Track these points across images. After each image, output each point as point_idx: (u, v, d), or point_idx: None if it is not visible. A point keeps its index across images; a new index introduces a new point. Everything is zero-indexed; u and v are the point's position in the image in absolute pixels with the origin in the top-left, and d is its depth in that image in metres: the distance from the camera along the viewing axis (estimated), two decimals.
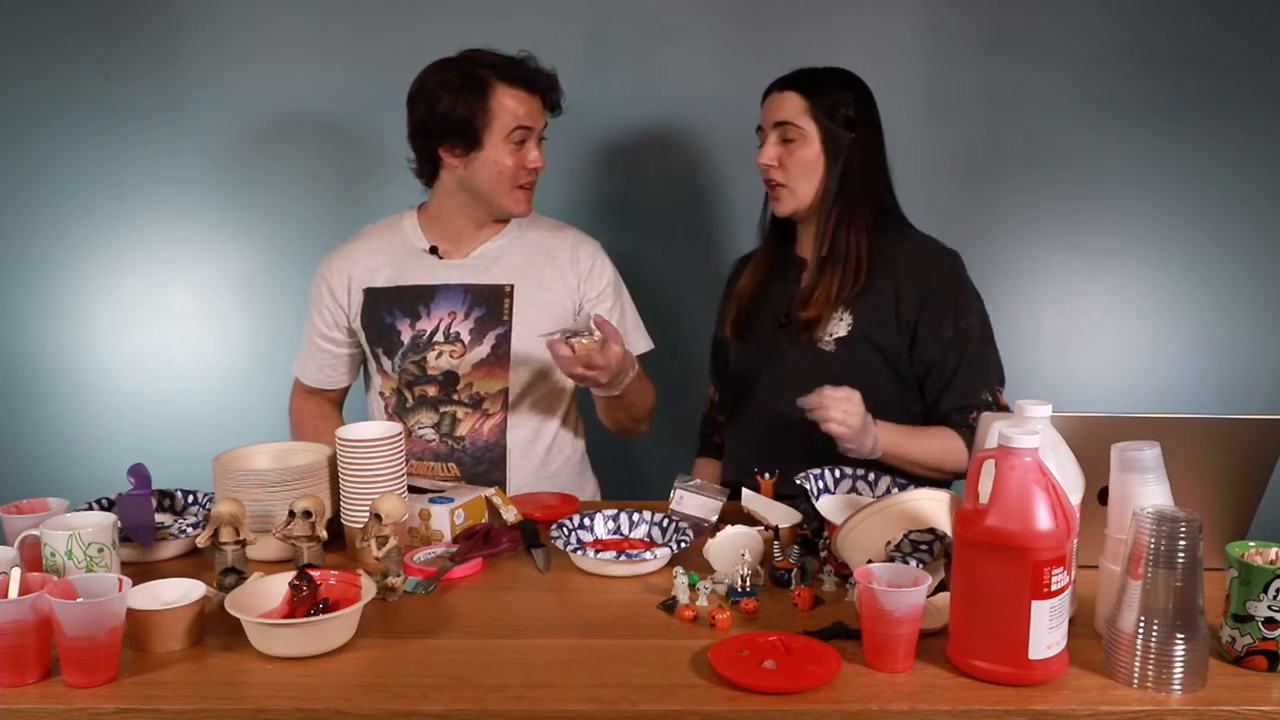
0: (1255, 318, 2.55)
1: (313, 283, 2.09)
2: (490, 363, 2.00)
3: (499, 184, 1.94)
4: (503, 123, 1.90)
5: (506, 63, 1.92)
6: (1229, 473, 1.42)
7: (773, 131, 1.90)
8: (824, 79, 1.90)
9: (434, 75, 1.92)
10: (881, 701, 1.17)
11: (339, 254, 2.07)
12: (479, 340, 1.99)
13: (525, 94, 1.91)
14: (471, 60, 1.92)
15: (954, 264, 1.91)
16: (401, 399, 2.03)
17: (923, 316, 1.85)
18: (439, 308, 2.00)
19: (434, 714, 1.16)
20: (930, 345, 1.86)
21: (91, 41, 2.47)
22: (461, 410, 2.01)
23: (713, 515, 1.66)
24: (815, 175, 1.89)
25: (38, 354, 2.60)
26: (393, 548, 1.45)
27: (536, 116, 1.93)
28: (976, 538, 1.18)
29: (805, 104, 1.87)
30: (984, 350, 1.88)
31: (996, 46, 2.45)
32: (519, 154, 1.92)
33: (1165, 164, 2.50)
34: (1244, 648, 1.23)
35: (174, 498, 1.75)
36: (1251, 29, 2.44)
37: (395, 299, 2.01)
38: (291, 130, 2.51)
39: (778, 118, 1.89)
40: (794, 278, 1.96)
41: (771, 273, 2.01)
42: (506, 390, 2.00)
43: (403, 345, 2.00)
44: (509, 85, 1.90)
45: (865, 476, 1.62)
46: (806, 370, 1.84)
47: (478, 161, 1.93)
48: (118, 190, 2.54)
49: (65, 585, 1.23)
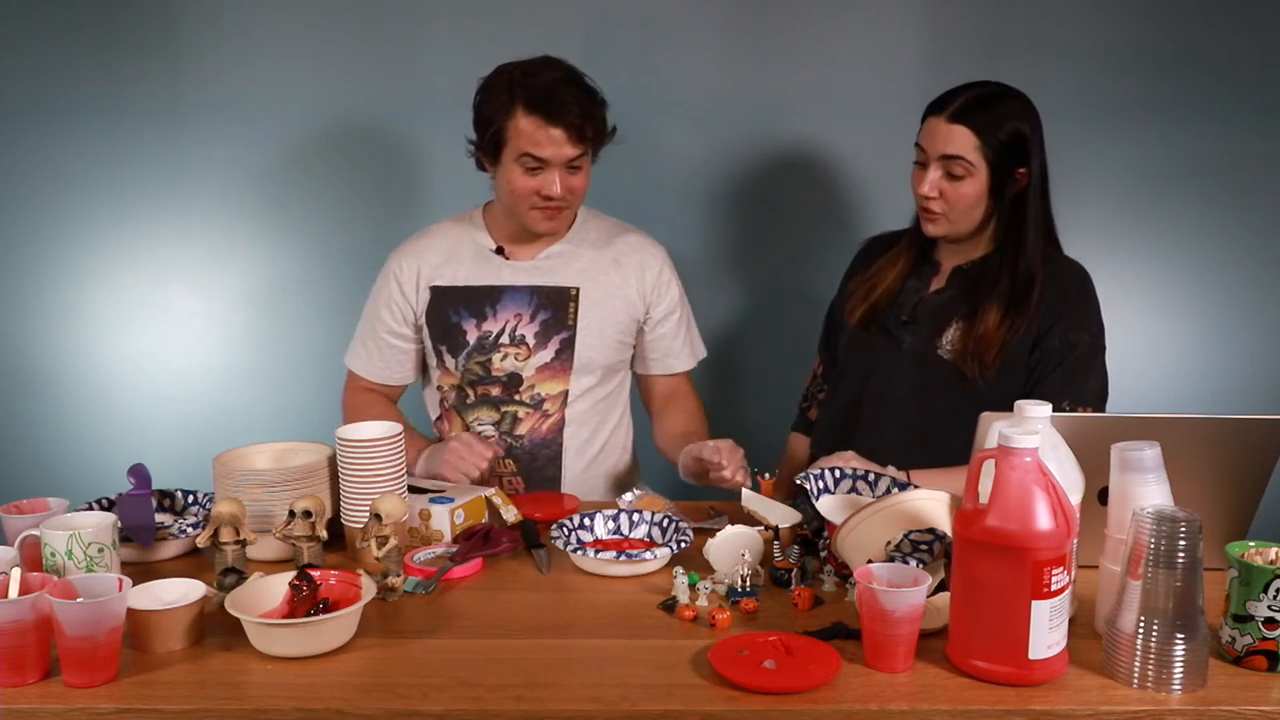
0: (1255, 318, 2.55)
1: (380, 278, 2.06)
2: (554, 366, 2.01)
3: (514, 203, 1.92)
4: (515, 146, 1.86)
5: (543, 88, 1.84)
6: (1229, 473, 1.42)
7: (937, 163, 1.82)
8: (997, 108, 1.81)
9: (492, 76, 1.90)
10: (881, 701, 1.17)
11: (409, 250, 2.04)
12: (544, 344, 2.00)
13: (544, 124, 1.84)
14: (524, 73, 1.86)
15: (1084, 281, 1.87)
16: (463, 395, 2.04)
17: (1045, 328, 1.82)
18: (505, 309, 2.00)
19: (434, 714, 1.17)
20: (1037, 351, 1.83)
21: (91, 41, 2.46)
22: (523, 410, 2.02)
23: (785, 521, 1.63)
24: (978, 211, 1.84)
25: (38, 354, 2.60)
26: (393, 548, 1.45)
27: (557, 148, 1.85)
28: (976, 538, 1.18)
29: (977, 141, 1.79)
30: (1084, 367, 1.82)
31: (996, 46, 2.45)
32: (531, 180, 1.88)
33: (1165, 164, 2.49)
34: (1244, 648, 1.23)
35: (174, 498, 1.75)
36: (1251, 29, 2.44)
37: (462, 298, 2.00)
38: (291, 130, 2.51)
39: (945, 150, 1.80)
40: (927, 279, 1.94)
41: (910, 271, 1.96)
42: (567, 392, 2.02)
43: (468, 345, 2.00)
44: (529, 113, 1.84)
45: (865, 476, 1.62)
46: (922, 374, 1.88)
47: (498, 175, 1.93)
48: (118, 190, 2.54)
49: (65, 585, 1.23)
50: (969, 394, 1.82)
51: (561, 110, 1.84)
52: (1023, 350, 1.82)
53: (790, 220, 2.56)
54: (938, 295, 1.92)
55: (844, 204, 2.53)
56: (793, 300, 2.53)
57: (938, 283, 1.94)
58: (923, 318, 1.91)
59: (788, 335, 2.50)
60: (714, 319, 2.53)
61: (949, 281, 1.92)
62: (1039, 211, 1.85)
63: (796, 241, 2.55)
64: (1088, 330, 1.84)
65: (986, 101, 1.81)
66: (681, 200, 2.55)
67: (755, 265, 2.59)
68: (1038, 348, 1.82)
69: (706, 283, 2.55)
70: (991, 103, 1.81)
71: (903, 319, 1.93)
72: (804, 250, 2.54)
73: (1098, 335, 1.86)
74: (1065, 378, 1.80)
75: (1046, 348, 1.82)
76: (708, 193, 2.55)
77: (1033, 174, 1.82)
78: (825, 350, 2.12)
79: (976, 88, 1.83)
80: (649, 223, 2.57)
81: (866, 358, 1.97)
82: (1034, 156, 1.82)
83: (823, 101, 2.48)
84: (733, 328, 2.61)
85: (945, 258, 1.95)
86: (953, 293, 1.91)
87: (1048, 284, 1.84)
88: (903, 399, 1.90)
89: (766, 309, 2.60)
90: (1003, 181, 1.82)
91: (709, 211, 2.56)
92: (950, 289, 1.92)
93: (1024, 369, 1.83)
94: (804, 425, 2.14)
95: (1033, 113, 1.84)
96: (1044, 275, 1.84)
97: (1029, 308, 1.82)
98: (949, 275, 1.93)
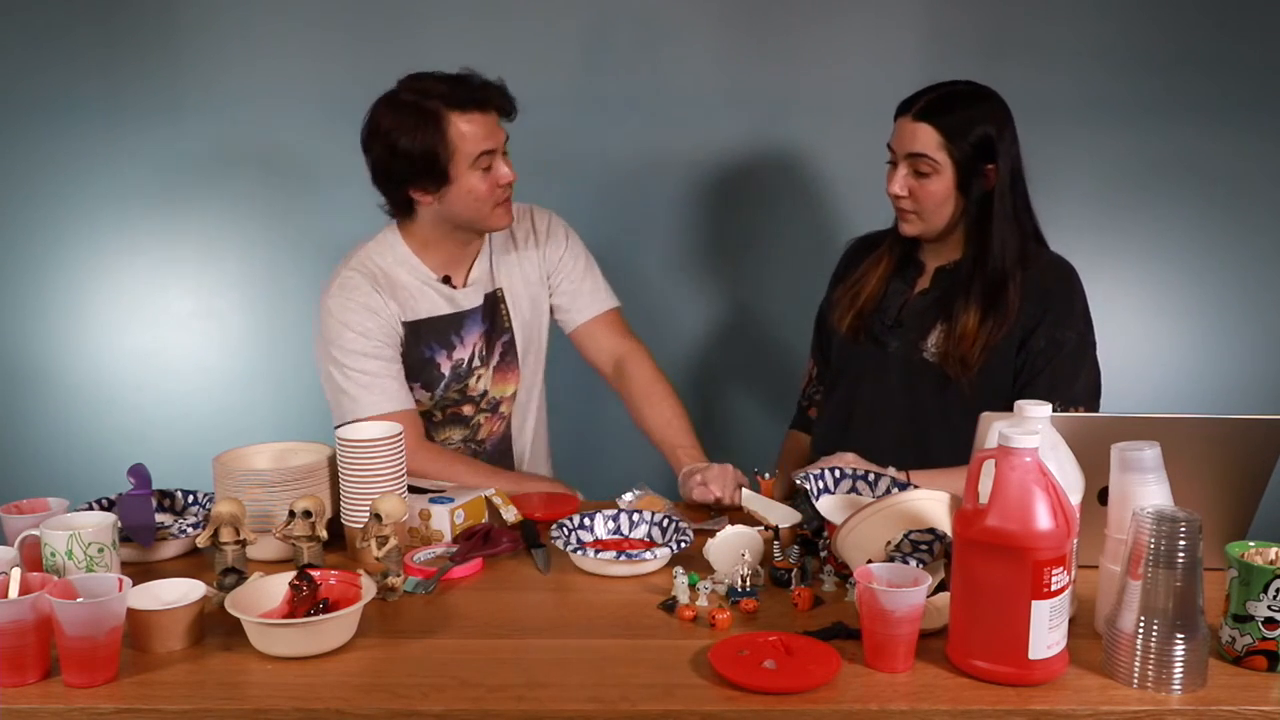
0: (1255, 318, 2.55)
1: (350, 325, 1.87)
2: (503, 369, 2.03)
3: (478, 209, 1.88)
4: (466, 152, 1.82)
5: (453, 87, 1.82)
6: (1229, 473, 1.42)
7: (904, 162, 1.83)
8: (961, 106, 1.81)
9: (384, 116, 1.83)
10: (881, 701, 1.17)
11: (368, 288, 1.89)
12: (493, 352, 2.02)
13: (480, 115, 1.82)
14: (418, 92, 1.82)
15: (1068, 278, 1.86)
16: (430, 416, 2.02)
17: (1030, 328, 1.82)
18: (470, 333, 2.00)
19: (434, 714, 1.16)
20: (1025, 352, 1.82)
21: (91, 41, 2.46)
22: (483, 416, 2.04)
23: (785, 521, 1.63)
24: (947, 208, 1.84)
25: (38, 354, 2.60)
26: (393, 548, 1.45)
27: (497, 134, 1.85)
28: (976, 538, 1.18)
29: (940, 138, 1.79)
30: (1073, 366, 1.82)
31: (996, 46, 2.45)
32: (490, 176, 1.85)
33: (1165, 163, 2.50)
34: (1244, 648, 1.23)
35: (174, 498, 1.75)
36: (1251, 29, 2.44)
37: (430, 332, 1.96)
38: (291, 130, 2.51)
39: (910, 149, 1.81)
40: (912, 280, 1.94)
41: (893, 273, 1.96)
42: (516, 391, 2.06)
43: (444, 377, 1.98)
44: (462, 112, 1.80)
45: (865, 476, 1.62)
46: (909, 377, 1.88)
47: (450, 195, 1.86)
48: (118, 190, 2.54)
49: (65, 585, 1.23)
50: (955, 395, 1.83)
51: (486, 97, 1.82)
52: (1007, 349, 1.82)
53: (790, 220, 2.56)
54: (922, 297, 1.92)
55: (844, 204, 2.53)
56: (791, 299, 2.53)
57: (922, 284, 1.94)
58: (908, 321, 1.92)
59: (786, 334, 2.50)
60: (713, 318, 2.53)
61: (933, 282, 1.93)
62: (1009, 208, 1.83)
63: (796, 241, 2.55)
64: (1074, 328, 1.83)
65: (951, 100, 1.81)
66: (682, 200, 2.55)
67: (754, 264, 2.59)
68: (1024, 348, 1.82)
69: (706, 281, 2.55)
70: (956, 100, 1.81)
71: (888, 323, 1.93)
72: (803, 250, 2.54)
73: (1085, 332, 1.85)
74: (1054, 378, 1.80)
75: (1033, 349, 1.82)
76: (707, 192, 2.55)
77: (1001, 171, 1.81)
78: (818, 353, 2.13)
79: (943, 87, 1.84)
80: (649, 222, 2.58)
81: (856, 365, 1.98)
82: (1003, 154, 1.81)
83: (822, 101, 2.49)
84: (731, 327, 2.61)
85: (928, 258, 1.95)
86: (936, 294, 1.91)
87: (1029, 282, 1.83)
88: (893, 403, 1.91)
89: (765, 308, 2.60)
90: (969, 178, 1.81)
91: (708, 211, 2.56)
92: (934, 290, 1.92)
93: (1009, 368, 1.83)
94: (804, 423, 2.14)
95: (1001, 111, 1.83)
96: (1023, 273, 1.83)
97: (1006, 306, 1.81)
98: (932, 276, 1.93)
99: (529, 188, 2.04)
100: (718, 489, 1.76)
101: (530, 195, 2.09)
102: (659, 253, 2.57)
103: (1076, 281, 1.87)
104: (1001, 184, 1.82)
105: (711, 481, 1.77)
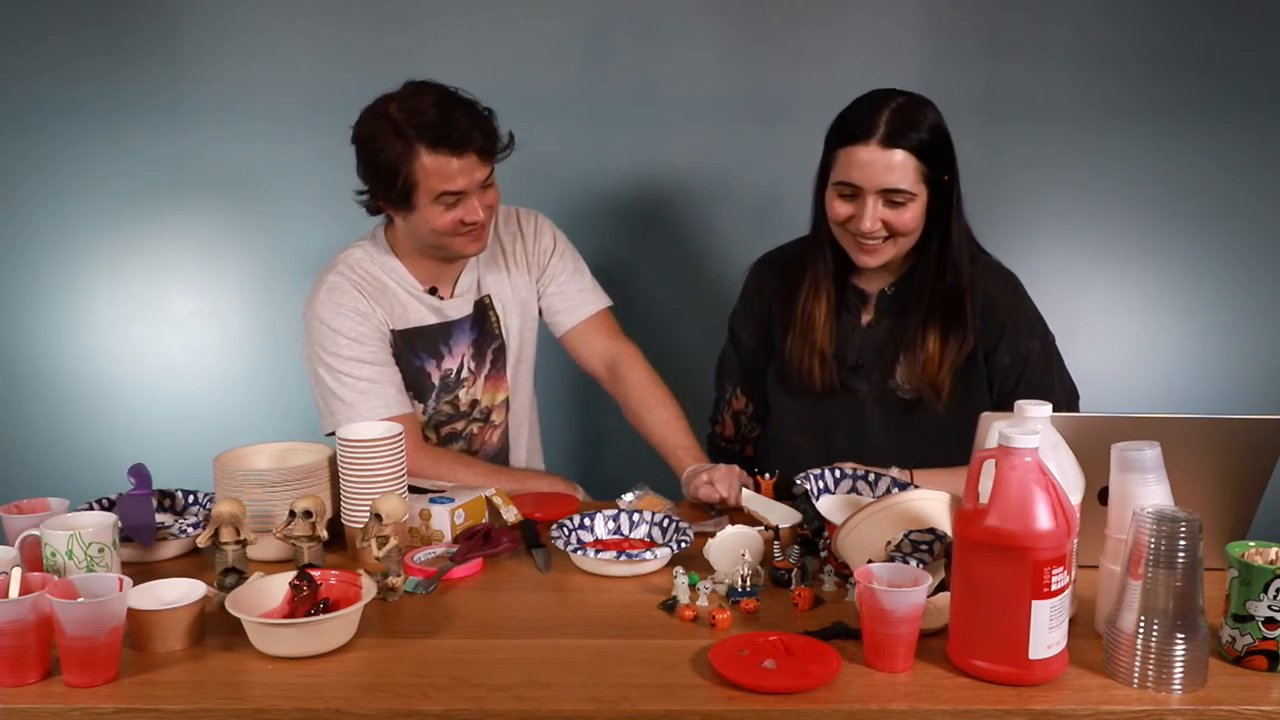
0: (1255, 318, 2.55)
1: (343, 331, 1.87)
2: (493, 376, 2.03)
3: (438, 239, 1.85)
4: (429, 188, 1.78)
5: (439, 119, 1.76)
6: (1229, 473, 1.42)
7: (876, 196, 1.70)
8: (922, 124, 1.70)
9: (369, 124, 1.81)
10: (881, 701, 1.17)
11: (355, 293, 1.89)
12: (483, 360, 2.01)
13: (452, 158, 1.76)
14: (406, 111, 1.77)
15: (1015, 288, 1.84)
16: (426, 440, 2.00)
17: (991, 345, 1.81)
18: (458, 344, 1.99)
19: (434, 714, 1.17)
20: (992, 371, 1.82)
21: (91, 41, 2.46)
22: (475, 427, 2.04)
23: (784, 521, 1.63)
24: (916, 231, 1.76)
25: (38, 354, 2.60)
26: (393, 548, 1.45)
27: (471, 173, 1.78)
28: (977, 538, 1.18)
29: (917, 164, 1.69)
30: (1044, 374, 1.81)
31: (996, 46, 2.45)
32: (452, 213, 1.81)
33: (1165, 164, 2.50)
34: (1244, 648, 1.23)
35: (174, 498, 1.75)
36: (1251, 29, 2.44)
37: (419, 341, 1.96)
38: (291, 130, 2.51)
39: (885, 184, 1.68)
40: (856, 311, 1.87)
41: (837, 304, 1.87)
42: (508, 398, 2.05)
43: (434, 387, 1.98)
44: (433, 151, 1.75)
45: (865, 476, 1.62)
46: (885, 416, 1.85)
47: (414, 219, 1.84)
48: (117, 190, 2.54)
49: (66, 585, 1.23)
50: (934, 422, 1.82)
51: (463, 137, 1.76)
52: (975, 361, 1.81)
53: (790, 220, 2.55)
54: (872, 330, 1.87)
55: None
56: None
57: (867, 314, 1.87)
58: (868, 360, 1.87)
59: None
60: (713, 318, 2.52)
61: (878, 311, 1.87)
62: (961, 216, 1.79)
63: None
64: (1034, 336, 1.82)
65: (911, 117, 1.70)
66: (681, 200, 2.55)
67: None
68: (989, 363, 1.81)
69: (706, 282, 2.55)
70: (916, 119, 1.70)
71: (849, 365, 1.87)
72: None
73: (1045, 335, 1.84)
74: (1030, 390, 1.79)
75: (997, 366, 1.81)
76: (707, 192, 2.55)
77: (955, 178, 1.76)
78: (743, 385, 2.00)
79: (889, 101, 1.71)
80: (648, 222, 2.57)
81: (830, 416, 1.90)
82: (953, 164, 1.75)
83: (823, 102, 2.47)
84: None
85: (866, 283, 1.88)
86: (887, 323, 1.86)
87: (986, 300, 1.80)
88: (875, 442, 1.86)
89: None
90: (938, 194, 1.74)
91: (708, 211, 2.56)
92: (883, 319, 1.86)
93: (982, 380, 1.82)
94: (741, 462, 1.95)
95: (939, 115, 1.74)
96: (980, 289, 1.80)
97: (964, 323, 1.78)
98: (875, 303, 1.87)
99: (528, 189, 2.04)
100: (724, 489, 1.76)
101: (528, 198, 2.09)
102: (657, 255, 2.57)
103: (1020, 286, 1.85)
104: (957, 192, 1.77)
105: (718, 481, 1.77)
